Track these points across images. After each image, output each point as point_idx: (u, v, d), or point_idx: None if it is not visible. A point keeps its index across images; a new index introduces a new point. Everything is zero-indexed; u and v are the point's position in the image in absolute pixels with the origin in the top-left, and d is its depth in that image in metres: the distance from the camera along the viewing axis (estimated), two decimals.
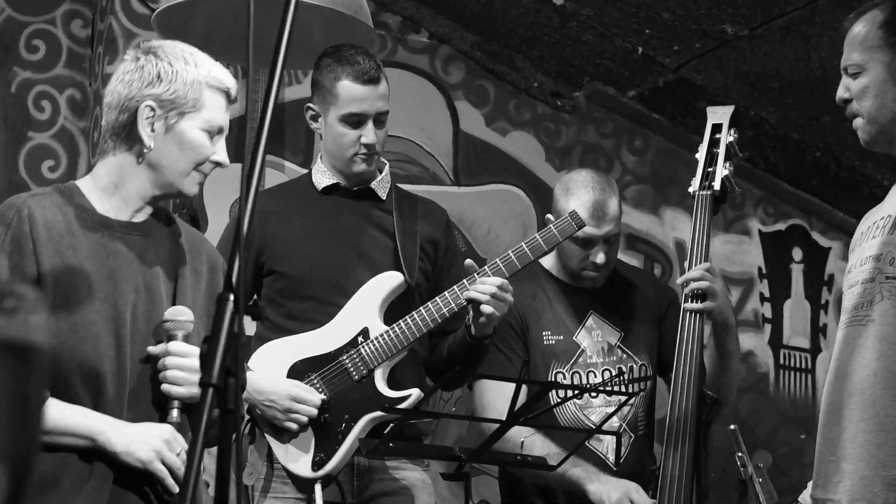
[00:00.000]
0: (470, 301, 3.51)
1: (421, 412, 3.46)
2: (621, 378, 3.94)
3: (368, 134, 3.64)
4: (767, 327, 6.35)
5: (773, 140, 5.91)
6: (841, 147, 5.93)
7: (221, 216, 4.95)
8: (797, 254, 6.48)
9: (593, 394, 3.89)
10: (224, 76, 2.88)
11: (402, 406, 3.48)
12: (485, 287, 3.48)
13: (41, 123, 5.22)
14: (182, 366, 2.75)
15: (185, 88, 2.81)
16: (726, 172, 3.65)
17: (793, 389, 6.37)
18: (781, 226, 6.41)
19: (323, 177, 3.76)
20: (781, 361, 6.35)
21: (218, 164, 2.86)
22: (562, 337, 3.94)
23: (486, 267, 3.57)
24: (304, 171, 5.24)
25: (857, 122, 3.13)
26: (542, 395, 3.15)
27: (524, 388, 3.24)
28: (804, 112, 5.70)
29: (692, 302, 3.56)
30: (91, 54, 5.30)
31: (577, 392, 3.74)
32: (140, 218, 2.88)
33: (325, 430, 3.51)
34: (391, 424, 3.22)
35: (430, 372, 3.83)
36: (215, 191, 4.88)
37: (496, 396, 3.79)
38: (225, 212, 4.99)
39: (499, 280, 3.49)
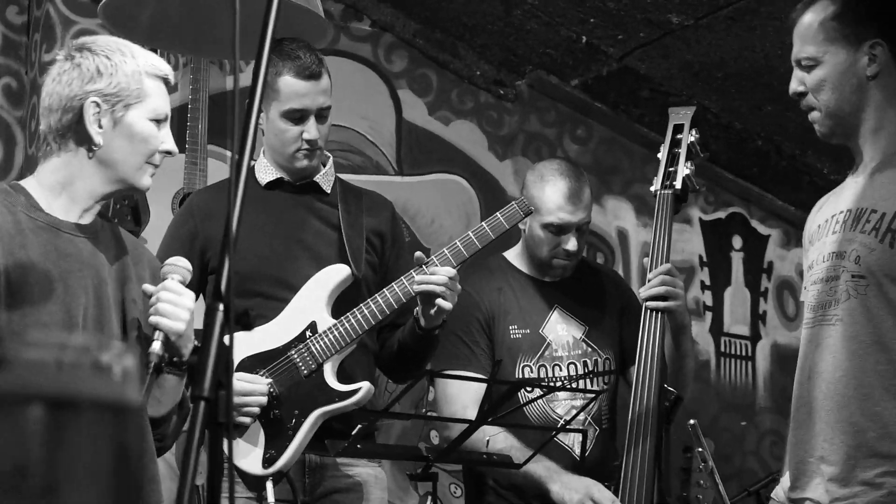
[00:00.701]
0: (421, 293, 3.48)
1: (389, 413, 3.44)
2: (587, 372, 3.95)
3: (310, 130, 3.60)
4: (708, 315, 6.37)
5: (716, 129, 5.92)
6: (782, 136, 5.95)
7: (163, 207, 4.87)
8: (737, 242, 6.52)
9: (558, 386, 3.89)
10: (160, 63, 2.83)
11: (351, 400, 3.45)
12: (437, 278, 3.44)
13: None
14: (174, 301, 2.74)
15: (127, 80, 2.76)
16: (688, 172, 3.68)
17: (734, 377, 6.41)
18: (721, 214, 6.44)
19: (266, 172, 3.71)
20: (722, 349, 6.39)
21: (168, 153, 2.81)
22: (528, 331, 3.95)
23: (433, 257, 3.52)
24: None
25: (814, 116, 3.12)
26: (511, 394, 3.14)
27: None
28: (747, 101, 5.72)
29: (653, 300, 3.60)
30: (27, 42, 5.20)
31: (545, 392, 3.72)
32: (87, 219, 2.82)
33: (275, 426, 3.47)
34: (358, 426, 3.19)
35: (382, 366, 3.80)
36: (157, 182, 4.77)
37: (459, 390, 3.80)
38: (167, 203, 4.91)
39: (451, 270, 3.46)
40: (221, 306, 1.70)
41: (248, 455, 3.47)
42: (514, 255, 4.10)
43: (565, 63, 5.76)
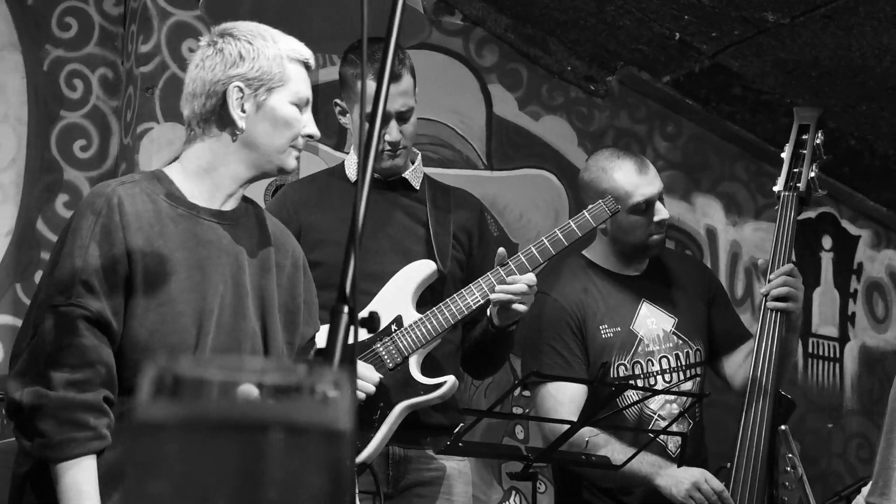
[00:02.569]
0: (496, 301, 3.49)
1: (493, 413, 3.46)
2: (678, 365, 3.92)
3: (391, 132, 3.61)
4: None
5: None
6: (876, 135, 5.89)
7: (257, 199, 4.90)
8: (827, 242, 6.46)
9: (653, 382, 3.88)
10: (301, 48, 2.84)
11: (436, 393, 3.48)
12: (515, 287, 3.45)
13: (73, 102, 5.17)
14: None
15: (269, 63, 2.77)
16: (813, 174, 3.70)
17: (821, 378, 6.35)
18: (811, 213, 6.38)
19: (355, 168, 3.74)
20: (810, 350, 6.31)
21: (310, 137, 2.83)
22: (619, 329, 3.90)
23: (510, 261, 3.53)
24: (338, 153, 5.26)
25: None
26: (615, 396, 3.14)
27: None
28: (841, 100, 5.66)
29: (775, 301, 3.62)
30: (123, 33, 5.27)
31: (647, 396, 3.73)
32: (230, 205, 2.84)
33: (360, 417, 3.47)
34: (460, 426, 3.20)
35: (461, 362, 3.81)
36: None
37: (556, 403, 3.77)
38: (259, 195, 4.96)
39: (528, 278, 3.46)
40: (346, 308, 1.69)
41: None
42: (593, 253, 4.06)
43: (657, 59, 5.73)
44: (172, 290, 2.72)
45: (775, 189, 3.72)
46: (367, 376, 3.47)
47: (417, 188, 3.77)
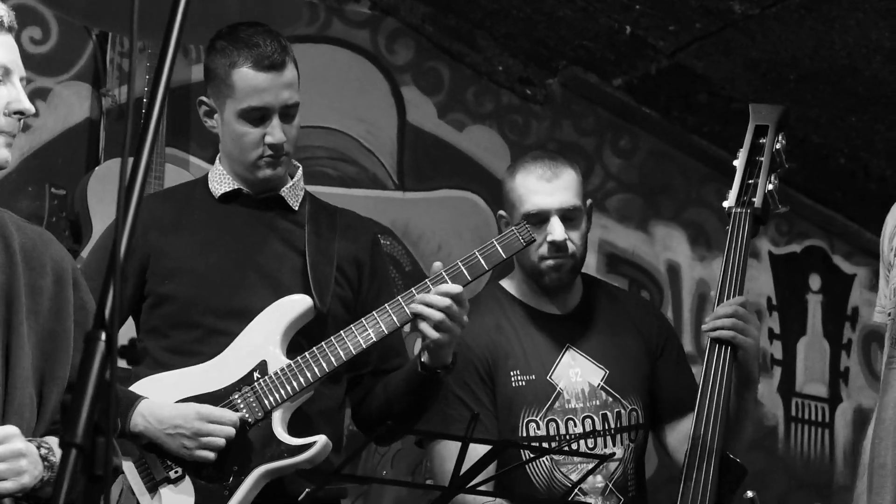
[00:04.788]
0: (417, 315, 3.44)
1: (346, 476, 3.41)
2: (606, 428, 3.88)
3: (274, 132, 3.58)
4: (777, 371, 6.33)
5: (790, 143, 5.88)
6: (870, 153, 5.94)
7: (111, 221, 4.88)
8: (815, 282, 6.49)
9: (573, 445, 3.83)
10: None
11: (303, 456, 3.44)
12: (435, 299, 3.41)
13: None
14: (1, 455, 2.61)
15: None
16: (771, 187, 3.68)
17: (807, 447, 6.38)
18: (797, 247, 6.44)
19: (221, 182, 3.71)
20: (793, 413, 6.36)
21: (19, 113, 2.82)
22: (533, 377, 3.86)
23: (413, 290, 3.51)
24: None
25: None
26: (495, 456, 3.09)
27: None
28: (826, 110, 5.70)
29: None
30: None
31: (536, 455, 3.68)
32: None
33: (209, 482, 3.44)
34: (305, 491, 3.16)
35: (360, 420, 3.78)
36: (102, 192, 4.85)
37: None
38: (112, 218, 4.92)
39: (452, 288, 3.43)
40: (104, 335, 1.69)
41: None
42: (512, 285, 4.04)
43: (606, 58, 5.77)
44: None
45: (725, 205, 3.69)
46: (223, 417, 3.42)
47: (296, 208, 3.75)
